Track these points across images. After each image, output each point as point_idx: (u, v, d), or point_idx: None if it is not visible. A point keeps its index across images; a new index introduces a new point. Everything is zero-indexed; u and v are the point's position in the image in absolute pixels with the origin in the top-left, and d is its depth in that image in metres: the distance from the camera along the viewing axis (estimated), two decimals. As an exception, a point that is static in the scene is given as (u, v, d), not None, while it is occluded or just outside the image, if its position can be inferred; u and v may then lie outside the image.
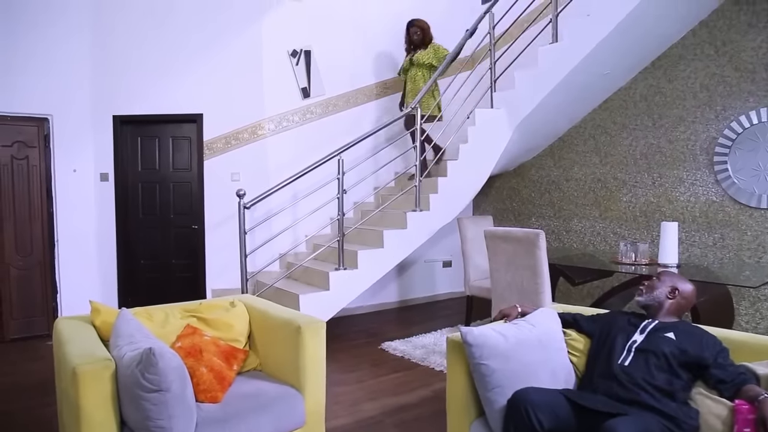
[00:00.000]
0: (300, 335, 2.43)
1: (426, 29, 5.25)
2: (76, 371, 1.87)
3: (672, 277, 2.29)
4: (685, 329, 2.12)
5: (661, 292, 2.24)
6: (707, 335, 2.08)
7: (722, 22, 4.33)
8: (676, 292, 2.24)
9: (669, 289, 2.25)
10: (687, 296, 2.25)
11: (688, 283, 2.28)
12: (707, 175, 4.48)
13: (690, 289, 2.27)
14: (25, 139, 4.66)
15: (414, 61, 5.22)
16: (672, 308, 2.23)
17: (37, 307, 4.73)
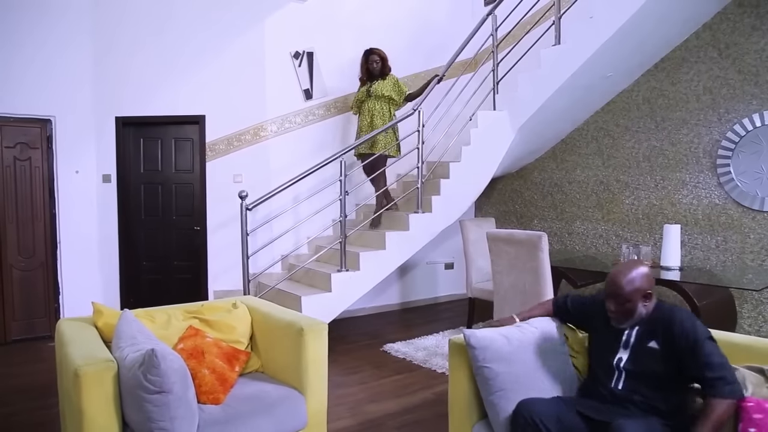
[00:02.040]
0: (302, 337, 2.42)
1: (385, 59, 4.95)
2: (78, 373, 1.87)
3: (631, 284, 1.96)
4: (665, 328, 1.93)
5: (638, 309, 1.98)
6: (684, 333, 1.88)
7: (725, 25, 4.33)
8: (648, 295, 1.99)
9: (641, 299, 1.98)
10: (652, 283, 2.00)
11: (643, 270, 1.99)
12: (710, 177, 4.47)
13: (649, 274, 2.01)
14: (27, 141, 4.67)
15: (372, 93, 4.89)
16: (649, 309, 2.01)
17: (39, 309, 4.73)
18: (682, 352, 1.87)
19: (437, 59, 5.82)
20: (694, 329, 1.88)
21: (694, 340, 1.86)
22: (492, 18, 4.83)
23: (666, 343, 1.92)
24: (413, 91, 5.05)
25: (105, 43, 4.87)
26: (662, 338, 1.94)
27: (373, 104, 4.89)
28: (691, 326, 1.90)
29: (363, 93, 4.96)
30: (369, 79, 4.96)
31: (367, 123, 4.87)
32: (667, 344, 1.92)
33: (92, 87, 4.87)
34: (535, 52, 4.59)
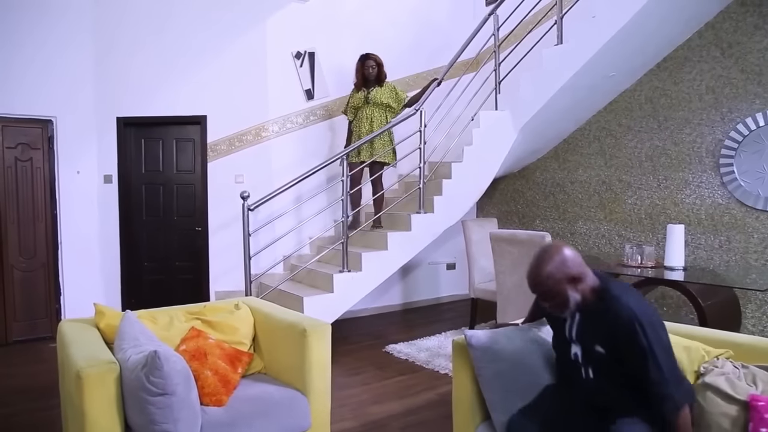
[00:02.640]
0: (305, 338, 2.41)
1: (381, 65, 4.87)
2: (80, 374, 1.86)
3: (552, 277, 1.80)
4: (607, 333, 1.79)
5: (571, 296, 1.81)
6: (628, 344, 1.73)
7: (728, 24, 4.31)
8: (576, 277, 1.81)
9: (569, 286, 1.80)
10: (574, 264, 1.81)
11: (558, 256, 1.81)
12: (713, 177, 4.45)
13: (568, 257, 1.81)
14: (29, 141, 4.66)
15: (370, 99, 4.80)
16: (585, 290, 1.84)
17: (40, 309, 4.72)
18: (627, 362, 1.76)
19: (439, 59, 5.81)
20: (637, 340, 1.70)
21: (641, 354, 1.71)
22: (494, 18, 4.81)
23: (611, 350, 1.80)
24: (413, 95, 4.99)
25: (106, 43, 4.86)
26: (607, 343, 1.80)
27: (372, 111, 4.82)
28: (635, 335, 1.71)
29: (360, 99, 4.86)
30: (364, 85, 4.87)
31: (366, 130, 4.79)
32: (613, 351, 1.79)
33: (93, 87, 4.86)
34: (537, 51, 4.57)
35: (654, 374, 1.69)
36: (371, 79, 4.85)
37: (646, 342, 1.69)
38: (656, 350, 1.69)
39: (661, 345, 1.71)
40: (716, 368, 2.03)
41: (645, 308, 1.77)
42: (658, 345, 1.70)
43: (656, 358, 1.69)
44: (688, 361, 2.16)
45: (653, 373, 1.69)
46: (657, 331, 1.73)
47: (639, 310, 1.74)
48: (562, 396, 2.01)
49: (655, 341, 1.70)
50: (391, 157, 4.88)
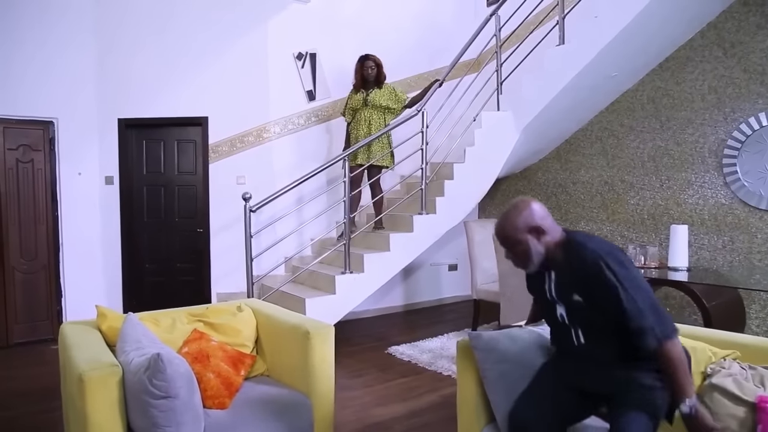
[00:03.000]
0: (309, 340, 2.40)
1: (381, 66, 4.82)
2: (82, 377, 1.84)
3: (513, 226, 1.84)
4: (578, 277, 1.78)
5: (533, 247, 1.83)
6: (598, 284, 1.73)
7: (731, 24, 4.30)
8: (539, 229, 1.82)
9: (531, 237, 1.82)
10: (541, 215, 1.84)
11: (522, 206, 1.85)
12: (716, 177, 4.44)
13: (530, 209, 1.84)
14: (30, 143, 4.65)
15: (369, 101, 4.76)
16: (550, 244, 1.84)
17: (41, 311, 4.71)
18: (602, 303, 1.74)
19: (440, 60, 5.80)
20: (605, 277, 1.70)
21: (612, 291, 1.70)
22: (495, 18, 4.80)
23: (587, 296, 1.78)
24: (414, 96, 4.97)
25: (107, 43, 4.85)
26: (581, 289, 1.79)
27: (370, 114, 4.79)
28: (602, 273, 1.71)
29: (358, 101, 4.82)
30: (363, 86, 4.83)
31: (364, 133, 4.75)
32: (588, 296, 1.78)
33: (95, 88, 4.85)
34: (539, 52, 4.56)
35: (629, 307, 1.68)
36: (370, 80, 4.82)
37: (614, 276, 1.70)
38: (625, 284, 1.69)
39: (630, 279, 1.70)
40: (723, 369, 2.02)
41: (608, 247, 1.78)
42: (627, 279, 1.70)
43: (627, 291, 1.68)
44: (694, 362, 2.15)
45: (628, 306, 1.68)
46: (624, 266, 1.73)
47: (602, 250, 1.76)
48: (558, 370, 1.99)
49: (624, 276, 1.70)
50: (389, 160, 4.84)
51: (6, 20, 4.46)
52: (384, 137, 4.78)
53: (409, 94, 5.67)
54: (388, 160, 4.83)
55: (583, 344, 1.85)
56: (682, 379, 1.67)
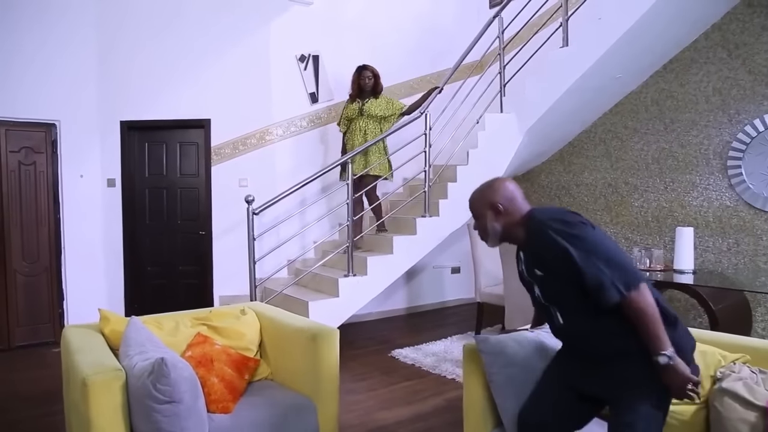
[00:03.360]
0: (314, 344, 2.38)
1: (378, 76, 4.80)
2: (86, 382, 1.82)
3: (477, 198, 1.89)
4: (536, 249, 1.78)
5: (489, 223, 1.84)
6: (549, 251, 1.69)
7: (735, 25, 4.28)
8: (496, 207, 1.81)
9: (488, 212, 1.84)
10: (507, 196, 1.82)
11: (492, 182, 1.87)
12: (720, 179, 4.42)
13: (497, 186, 1.85)
14: (32, 145, 4.64)
15: (365, 111, 4.72)
16: (510, 224, 1.82)
17: (43, 314, 4.69)
18: (560, 271, 1.70)
19: (443, 62, 5.79)
20: (552, 240, 1.66)
21: (563, 254, 1.65)
22: (498, 20, 4.79)
23: (546, 268, 1.76)
24: (412, 103, 4.91)
25: (109, 46, 4.83)
26: (539, 262, 1.78)
27: (366, 124, 4.74)
28: (549, 237, 1.67)
29: (354, 111, 4.77)
30: (359, 96, 4.80)
31: (359, 142, 4.69)
32: (547, 268, 1.76)
33: (97, 90, 4.83)
34: (543, 54, 4.55)
35: (583, 265, 1.61)
36: (367, 90, 4.77)
37: (561, 237, 1.65)
38: (575, 242, 1.63)
39: (580, 237, 1.65)
40: (733, 373, 2.00)
41: (556, 213, 1.75)
42: (577, 237, 1.64)
43: (578, 249, 1.63)
44: (704, 366, 2.13)
45: (582, 264, 1.61)
46: (571, 225, 1.68)
47: (547, 216, 1.74)
48: (560, 371, 1.96)
49: (572, 234, 1.65)
50: (385, 169, 4.77)
51: (6, 22, 4.45)
52: (380, 146, 4.73)
53: (411, 97, 5.68)
54: (384, 169, 4.77)
55: (562, 324, 1.81)
56: (654, 329, 1.58)
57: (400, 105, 4.86)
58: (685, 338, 1.72)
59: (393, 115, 4.82)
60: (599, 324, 1.71)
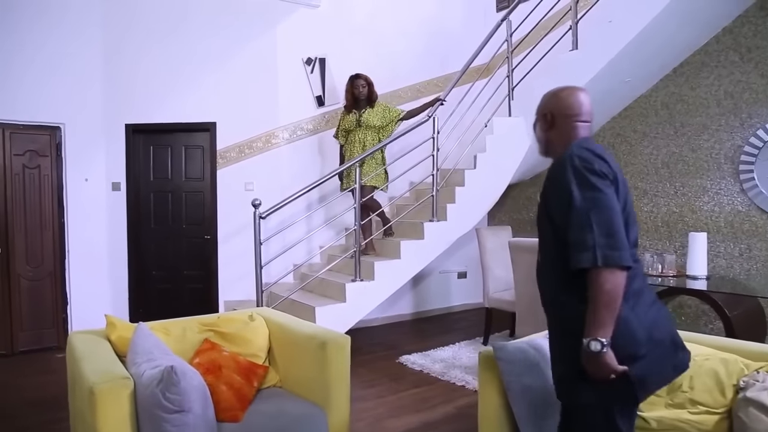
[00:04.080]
0: (325, 351, 2.33)
1: (371, 84, 4.67)
2: (93, 390, 1.78)
3: (542, 99, 1.72)
4: (547, 178, 1.60)
5: (539, 131, 1.72)
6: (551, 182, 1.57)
7: (747, 29, 4.24)
8: (546, 116, 1.68)
9: (541, 120, 1.70)
10: (566, 108, 1.64)
11: (572, 92, 1.67)
12: (732, 184, 4.36)
13: (562, 94, 1.67)
14: (36, 148, 4.60)
15: (362, 122, 4.61)
16: (554, 141, 1.67)
17: (47, 319, 4.64)
18: (554, 209, 1.54)
19: (449, 66, 5.77)
20: (565, 174, 1.49)
21: (566, 192, 1.48)
22: (507, 23, 4.76)
23: (543, 201, 1.61)
24: (412, 109, 4.80)
25: (115, 48, 4.80)
26: (543, 192, 1.62)
27: (364, 135, 4.63)
28: (565, 170, 1.50)
29: (351, 122, 4.66)
30: (355, 106, 4.69)
31: (358, 154, 4.54)
32: (544, 201, 1.61)
33: (102, 94, 4.80)
34: (552, 57, 4.51)
35: (574, 216, 1.46)
36: (362, 99, 4.66)
37: (573, 176, 1.48)
38: (584, 189, 1.46)
39: (591, 188, 1.46)
40: (758, 383, 1.95)
41: (589, 156, 1.51)
42: (587, 187, 1.46)
43: (583, 197, 1.46)
44: (726, 374, 2.08)
45: (574, 214, 1.46)
46: (593, 174, 1.48)
47: (579, 152, 1.52)
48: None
49: (585, 182, 1.47)
50: (381, 181, 4.68)
51: (9, 23, 4.41)
52: (377, 156, 4.63)
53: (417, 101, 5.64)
54: (381, 180, 4.67)
55: (539, 279, 1.69)
56: (604, 316, 1.42)
57: (397, 111, 4.75)
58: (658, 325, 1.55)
59: (392, 123, 4.71)
60: (560, 286, 1.57)
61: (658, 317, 1.56)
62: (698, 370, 2.12)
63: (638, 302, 1.52)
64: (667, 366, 1.56)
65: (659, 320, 1.56)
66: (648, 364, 1.49)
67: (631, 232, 1.54)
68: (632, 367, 1.46)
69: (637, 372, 1.47)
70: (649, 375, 1.51)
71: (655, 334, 1.52)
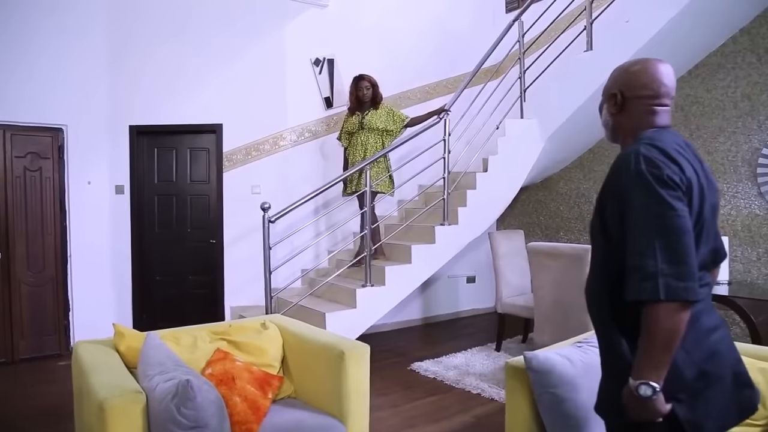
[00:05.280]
0: (343, 361, 2.23)
1: (376, 86, 4.55)
2: (103, 406, 1.67)
3: (611, 76, 1.48)
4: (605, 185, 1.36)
5: (605, 113, 1.49)
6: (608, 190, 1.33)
7: (765, 29, 4.16)
8: (616, 99, 1.43)
9: (609, 101, 1.46)
10: (639, 88, 1.39)
11: (649, 66, 1.41)
12: (749, 187, 4.27)
13: (634, 70, 1.41)
14: (38, 150, 4.49)
15: (365, 124, 4.49)
16: (622, 126, 1.44)
17: (48, 326, 4.52)
18: (608, 219, 1.32)
19: (459, 67, 5.69)
20: (624, 179, 1.27)
21: (620, 199, 1.27)
22: (518, 24, 4.67)
23: (599, 206, 1.38)
24: (418, 116, 4.67)
25: (119, 49, 4.69)
26: (600, 197, 1.38)
27: (366, 137, 4.50)
28: (625, 173, 1.27)
29: (354, 124, 4.54)
30: (359, 108, 4.57)
31: (360, 157, 4.47)
32: (600, 207, 1.37)
33: (106, 94, 4.68)
34: (566, 58, 4.42)
35: (636, 231, 1.23)
36: (366, 101, 4.54)
37: (637, 187, 1.24)
38: (650, 202, 1.22)
39: (659, 202, 1.22)
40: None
41: (663, 159, 1.25)
42: (655, 199, 1.22)
43: (646, 211, 1.22)
44: (766, 385, 1.98)
45: (636, 230, 1.23)
46: (662, 185, 1.23)
47: (649, 152, 1.26)
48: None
49: (652, 192, 1.22)
50: (386, 186, 4.55)
51: (12, 22, 4.31)
52: (381, 161, 4.49)
53: (426, 103, 5.56)
54: (385, 185, 4.55)
55: (588, 295, 1.47)
56: (659, 357, 1.21)
57: (402, 116, 4.62)
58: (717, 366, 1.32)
59: (396, 128, 4.59)
60: (612, 313, 1.36)
61: (718, 348, 1.32)
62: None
63: (690, 331, 1.26)
64: (728, 406, 1.31)
65: (719, 352, 1.32)
66: (702, 404, 1.27)
67: (702, 250, 1.29)
68: (679, 408, 1.25)
69: (687, 414, 1.25)
70: (704, 416, 1.27)
71: (710, 369, 1.29)
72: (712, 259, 1.36)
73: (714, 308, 1.38)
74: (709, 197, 1.33)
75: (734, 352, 1.36)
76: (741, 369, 1.36)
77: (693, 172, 1.29)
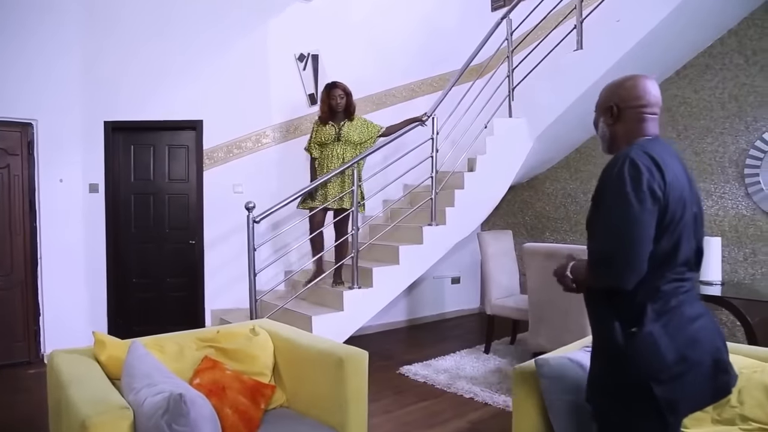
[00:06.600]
0: (342, 368, 2.11)
1: (350, 94, 4.28)
2: (86, 424, 1.52)
3: (605, 89, 1.63)
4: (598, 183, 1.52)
5: (601, 125, 1.63)
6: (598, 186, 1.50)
7: (753, 31, 4.18)
8: (611, 112, 1.57)
9: (603, 114, 1.60)
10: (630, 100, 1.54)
11: (636, 82, 1.56)
12: (737, 188, 4.29)
13: (625, 84, 1.57)
14: (6, 146, 4.25)
15: (342, 136, 4.23)
16: (618, 136, 1.58)
17: (17, 332, 4.27)
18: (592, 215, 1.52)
19: (445, 65, 5.62)
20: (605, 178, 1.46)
21: (600, 193, 1.47)
22: (507, 22, 4.61)
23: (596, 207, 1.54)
24: (391, 125, 4.47)
25: (95, 43, 4.45)
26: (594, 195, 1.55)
27: (344, 150, 4.24)
28: (612, 174, 1.43)
29: (329, 135, 4.24)
30: (332, 118, 4.27)
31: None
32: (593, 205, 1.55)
33: (79, 88, 4.44)
34: (555, 57, 4.37)
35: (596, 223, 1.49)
36: (339, 111, 4.28)
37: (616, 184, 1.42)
38: (615, 196, 1.42)
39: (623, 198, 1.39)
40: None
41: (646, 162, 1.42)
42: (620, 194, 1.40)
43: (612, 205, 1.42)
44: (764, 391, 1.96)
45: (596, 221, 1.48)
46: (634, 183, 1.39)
47: (636, 156, 1.43)
48: None
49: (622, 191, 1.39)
50: (362, 207, 4.25)
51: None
52: (351, 174, 4.14)
53: (412, 101, 5.47)
54: (362, 206, 4.26)
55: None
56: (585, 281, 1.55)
57: (377, 127, 4.42)
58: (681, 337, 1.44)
59: (370, 139, 4.39)
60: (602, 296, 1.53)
61: (699, 336, 1.45)
62: (747, 384, 2.00)
63: (673, 319, 1.43)
64: (704, 389, 1.46)
65: (700, 339, 1.45)
66: (680, 386, 1.40)
67: (684, 249, 1.46)
68: (658, 388, 1.38)
69: (665, 394, 1.39)
70: (681, 398, 1.41)
71: (690, 354, 1.42)
72: (695, 257, 1.52)
73: (698, 299, 1.53)
74: (690, 207, 1.49)
75: (716, 341, 1.48)
76: (721, 356, 1.48)
77: (676, 181, 1.46)
